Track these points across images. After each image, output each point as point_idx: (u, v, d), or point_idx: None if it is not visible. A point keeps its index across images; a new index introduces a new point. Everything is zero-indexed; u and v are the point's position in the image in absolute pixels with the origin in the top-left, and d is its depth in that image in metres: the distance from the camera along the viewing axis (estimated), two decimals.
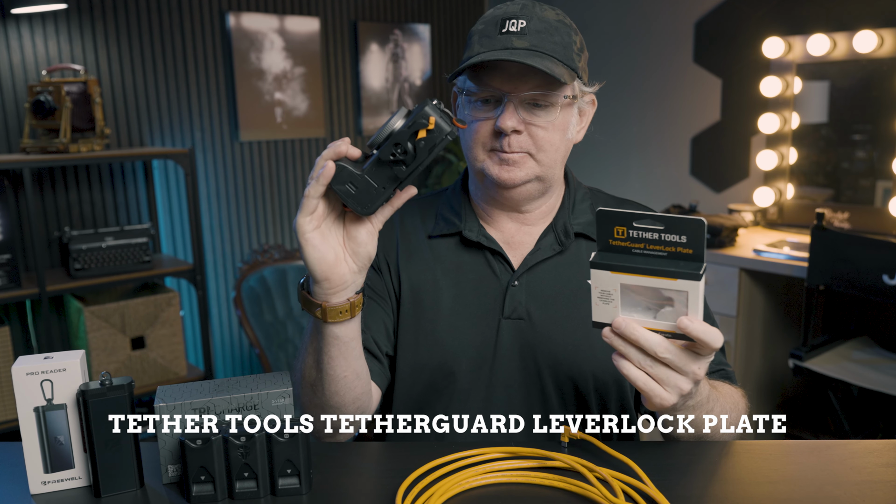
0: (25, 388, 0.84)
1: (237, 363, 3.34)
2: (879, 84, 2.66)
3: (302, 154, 3.39)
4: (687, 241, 0.77)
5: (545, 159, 1.02)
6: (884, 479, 0.85)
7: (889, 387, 2.13)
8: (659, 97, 3.36)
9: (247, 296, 2.77)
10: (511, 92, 0.98)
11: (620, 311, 0.80)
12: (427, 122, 0.83)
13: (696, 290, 0.77)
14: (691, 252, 0.77)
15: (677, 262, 0.77)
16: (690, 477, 0.87)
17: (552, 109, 1.00)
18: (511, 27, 0.98)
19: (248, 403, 0.88)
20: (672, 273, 0.77)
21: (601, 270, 0.79)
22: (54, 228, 2.75)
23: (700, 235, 0.77)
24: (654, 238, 0.78)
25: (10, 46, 2.61)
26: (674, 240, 0.77)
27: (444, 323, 1.07)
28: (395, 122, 0.84)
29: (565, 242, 1.08)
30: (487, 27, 1.01)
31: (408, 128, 0.83)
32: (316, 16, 3.33)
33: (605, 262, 0.79)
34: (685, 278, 0.77)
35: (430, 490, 0.82)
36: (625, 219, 0.78)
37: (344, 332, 0.92)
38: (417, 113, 0.83)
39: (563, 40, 1.00)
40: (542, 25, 0.99)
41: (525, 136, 1.00)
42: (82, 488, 0.88)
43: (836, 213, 2.79)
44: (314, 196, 0.84)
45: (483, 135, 1.02)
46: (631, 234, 0.78)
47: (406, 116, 0.85)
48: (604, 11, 3.51)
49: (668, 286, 0.77)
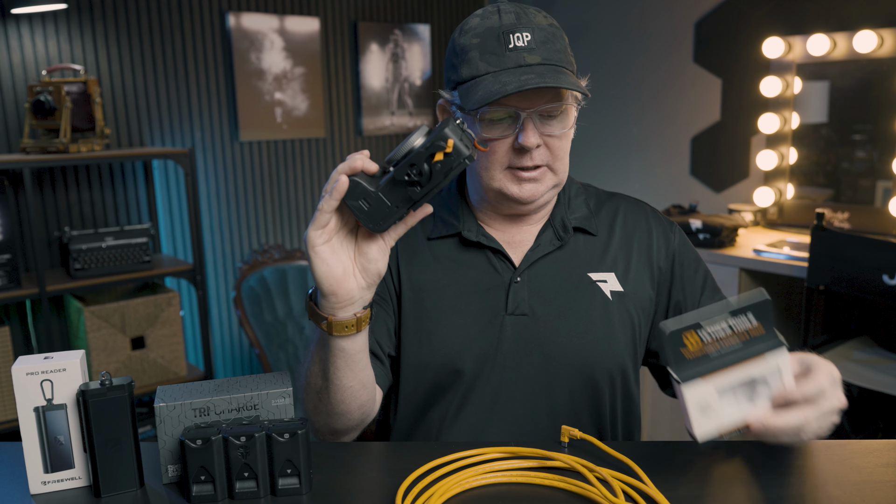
0: (25, 388, 0.84)
1: (237, 363, 3.34)
2: (879, 84, 2.66)
3: (302, 154, 3.39)
4: (756, 321, 0.78)
5: (560, 167, 1.03)
6: (884, 479, 0.85)
7: (889, 387, 2.13)
8: (659, 97, 3.36)
9: (247, 296, 2.77)
10: (528, 108, 0.97)
11: (723, 413, 0.79)
12: (445, 145, 0.80)
13: (785, 358, 0.79)
14: (763, 332, 0.79)
15: (756, 345, 0.79)
16: (690, 477, 0.87)
17: (564, 116, 1.01)
18: (517, 41, 0.97)
19: (248, 403, 0.88)
20: (759, 351, 0.78)
21: (693, 382, 0.78)
22: (54, 228, 2.75)
23: (768, 312, 0.78)
24: (725, 333, 0.78)
25: (10, 46, 2.61)
26: (744, 326, 0.79)
27: (448, 322, 1.07)
28: (415, 141, 0.82)
29: (564, 237, 1.09)
30: (487, 42, 0.98)
31: (425, 149, 0.81)
32: (316, 16, 3.33)
33: (694, 372, 0.78)
34: (771, 350, 0.78)
35: (430, 490, 0.82)
36: (692, 324, 0.78)
37: (350, 345, 0.92)
38: (437, 134, 0.81)
39: (562, 46, 1.00)
40: (542, 35, 0.98)
41: (543, 148, 1.00)
42: (82, 488, 0.88)
43: (836, 213, 2.79)
44: (327, 210, 0.84)
45: (501, 154, 1.00)
46: (703, 338, 0.78)
47: (426, 135, 0.83)
48: (604, 11, 3.51)
49: (759, 367, 0.79)
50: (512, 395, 1.06)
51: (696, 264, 1.15)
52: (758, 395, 0.80)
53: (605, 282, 1.08)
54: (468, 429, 1.07)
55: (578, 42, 3.54)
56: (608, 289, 1.08)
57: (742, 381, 0.79)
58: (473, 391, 1.06)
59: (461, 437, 1.07)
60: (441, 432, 1.08)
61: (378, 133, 3.62)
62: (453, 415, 1.07)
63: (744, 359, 0.78)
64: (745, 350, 0.78)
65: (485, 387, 1.06)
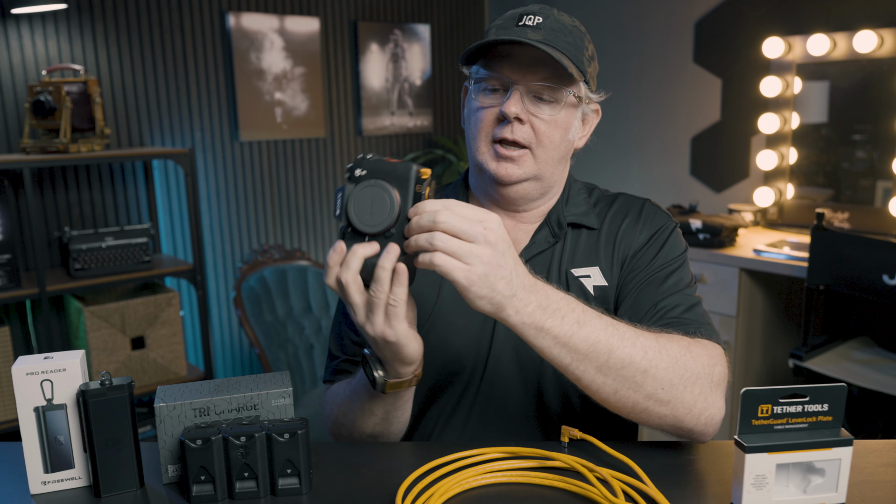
0: (25, 388, 0.84)
1: (237, 363, 3.34)
2: (879, 84, 2.66)
3: (302, 154, 3.39)
4: (829, 408, 0.78)
5: (543, 156, 1.03)
6: (884, 479, 0.85)
7: (889, 387, 2.13)
8: (659, 97, 3.36)
9: (247, 296, 2.77)
10: (519, 81, 1.00)
11: (774, 493, 0.79)
12: (423, 194, 0.81)
13: (847, 456, 0.78)
14: (831, 419, 0.79)
15: (823, 431, 0.79)
16: (690, 477, 0.87)
17: (556, 105, 1.01)
18: (528, 21, 1.00)
19: (248, 403, 0.88)
20: (827, 443, 0.78)
21: (757, 454, 0.77)
22: (54, 228, 2.75)
23: (842, 401, 0.78)
24: (796, 411, 0.78)
25: (10, 46, 2.61)
26: (816, 409, 0.79)
27: (445, 323, 1.07)
28: (391, 210, 0.80)
29: (558, 234, 1.08)
30: (506, 21, 1.03)
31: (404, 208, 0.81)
32: (316, 16, 3.33)
33: (761, 445, 0.77)
34: (840, 446, 0.78)
35: (430, 490, 0.82)
36: (770, 396, 0.78)
37: (406, 393, 0.96)
38: (407, 189, 0.81)
39: (577, 43, 1.02)
40: (558, 25, 1.01)
41: (528, 127, 1.01)
42: (82, 488, 0.88)
43: (836, 213, 2.79)
44: (402, 299, 0.81)
45: (487, 122, 1.03)
46: (775, 411, 0.78)
47: (393, 185, 0.81)
48: (603, 11, 3.51)
49: (822, 456, 0.78)
50: (505, 396, 1.06)
51: (664, 259, 1.07)
52: (811, 485, 0.80)
53: (589, 276, 1.07)
54: (465, 430, 1.07)
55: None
56: (591, 284, 1.06)
57: (800, 462, 0.79)
58: (469, 392, 1.07)
59: (458, 438, 1.07)
60: (438, 433, 1.08)
61: (378, 133, 3.62)
62: (448, 415, 1.08)
63: (815, 445, 0.78)
64: (812, 433, 0.79)
65: (480, 387, 1.06)
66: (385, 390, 0.90)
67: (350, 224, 0.81)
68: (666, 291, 1.02)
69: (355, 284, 0.81)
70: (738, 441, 0.78)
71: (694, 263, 2.62)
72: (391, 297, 0.80)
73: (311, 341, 2.88)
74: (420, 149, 3.79)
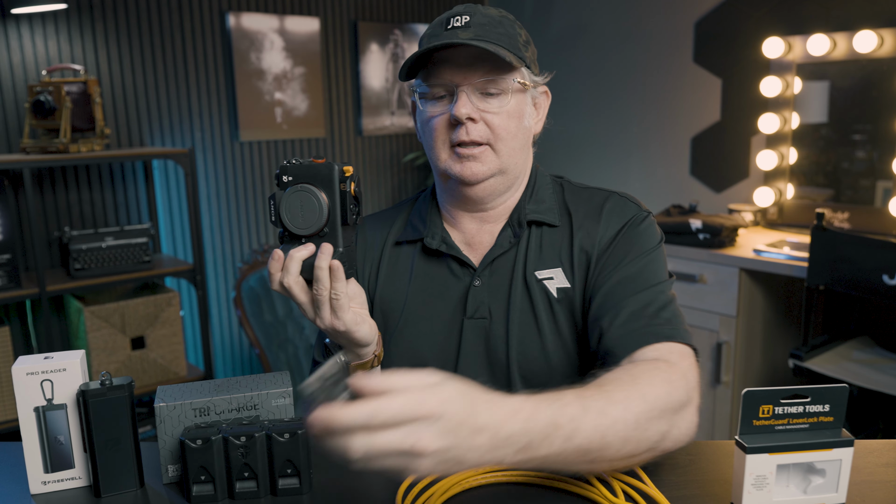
0: (25, 388, 0.84)
1: (237, 363, 3.34)
2: (879, 84, 2.66)
3: (302, 154, 3.39)
4: (830, 409, 0.79)
5: (504, 148, 1.02)
6: (884, 479, 0.85)
7: (889, 387, 2.13)
8: (659, 97, 3.36)
9: (247, 296, 2.77)
10: (462, 83, 1.00)
11: (774, 493, 0.79)
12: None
13: (848, 457, 0.79)
14: (833, 420, 0.79)
15: (824, 432, 0.79)
16: (690, 477, 0.87)
17: (504, 97, 1.01)
18: (456, 22, 1.01)
19: (248, 403, 0.88)
20: (828, 444, 0.78)
21: (758, 455, 0.78)
22: (54, 228, 2.75)
23: (843, 402, 0.78)
24: (798, 412, 0.79)
25: (10, 46, 2.61)
26: (817, 410, 0.79)
27: (413, 328, 1.08)
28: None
29: (519, 233, 1.07)
30: (434, 28, 1.04)
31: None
32: (316, 16, 3.33)
33: (762, 446, 0.78)
34: (841, 447, 0.78)
35: (430, 490, 0.82)
36: (772, 397, 0.78)
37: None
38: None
39: (508, 31, 1.03)
40: (486, 19, 1.02)
41: (482, 125, 1.01)
42: (82, 488, 0.88)
43: (836, 213, 2.79)
44: (343, 293, 0.88)
45: (441, 129, 1.03)
46: (776, 412, 0.78)
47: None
48: (603, 12, 3.51)
49: (823, 457, 0.79)
50: None
51: (635, 253, 1.02)
52: (812, 486, 0.80)
53: (552, 279, 1.04)
54: None
55: (578, 43, 3.54)
56: (554, 286, 1.04)
57: (801, 463, 0.79)
58: None
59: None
60: None
61: (378, 133, 3.62)
62: None
63: (816, 445, 0.78)
64: (813, 434, 0.79)
65: None
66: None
67: (285, 228, 0.89)
68: (635, 289, 0.98)
69: (298, 286, 0.88)
70: (739, 442, 0.78)
71: (694, 263, 2.62)
72: (332, 293, 0.87)
73: (311, 341, 2.88)
74: (420, 149, 3.79)
